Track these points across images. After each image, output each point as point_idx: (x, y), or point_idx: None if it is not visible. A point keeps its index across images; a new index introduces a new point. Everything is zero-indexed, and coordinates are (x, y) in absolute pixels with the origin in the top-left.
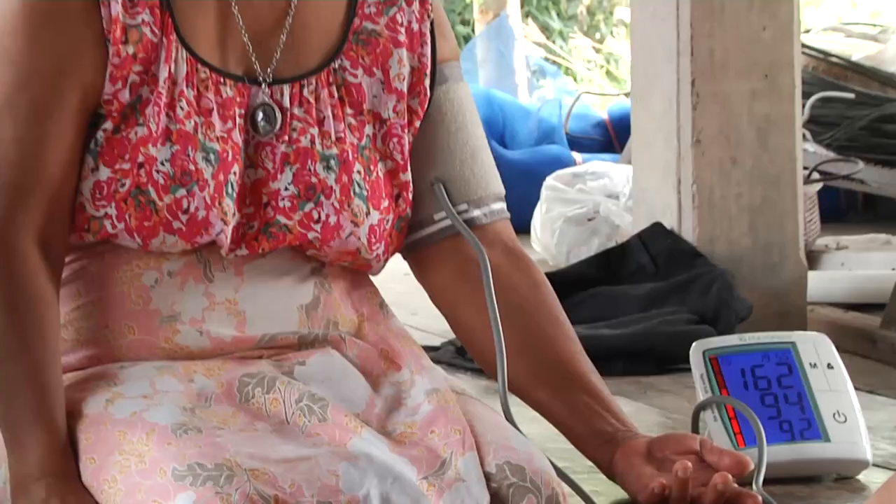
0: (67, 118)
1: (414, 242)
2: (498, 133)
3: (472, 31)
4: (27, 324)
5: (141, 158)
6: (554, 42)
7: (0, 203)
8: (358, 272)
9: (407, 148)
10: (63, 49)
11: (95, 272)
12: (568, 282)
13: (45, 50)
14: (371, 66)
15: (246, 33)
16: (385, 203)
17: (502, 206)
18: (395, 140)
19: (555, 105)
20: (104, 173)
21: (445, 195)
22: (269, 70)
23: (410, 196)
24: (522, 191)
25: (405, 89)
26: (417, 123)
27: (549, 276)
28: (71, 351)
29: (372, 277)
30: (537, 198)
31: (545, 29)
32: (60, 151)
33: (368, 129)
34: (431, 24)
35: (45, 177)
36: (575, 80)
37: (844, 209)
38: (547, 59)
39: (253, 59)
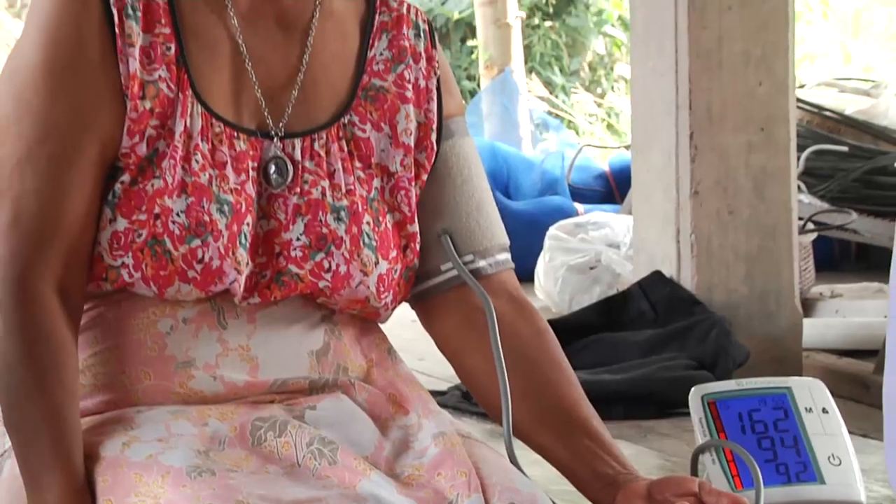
0: (86, 170)
1: (421, 292)
2: (503, 184)
3: (478, 85)
4: (47, 369)
5: (157, 210)
6: (557, 96)
7: (21, 252)
8: (367, 319)
9: (414, 200)
10: (82, 103)
11: (112, 319)
12: (570, 328)
13: (64, 104)
14: (379, 122)
15: (259, 89)
16: (393, 253)
17: (507, 256)
18: (402, 193)
19: (558, 157)
20: (121, 224)
21: (452, 247)
22: (281, 124)
23: (418, 247)
24: (526, 240)
25: (412, 144)
26: (424, 177)
27: (552, 322)
28: (89, 396)
29: (380, 324)
30: (541, 247)
31: (548, 84)
32: (79, 203)
33: (377, 182)
34: (438, 81)
35: (64, 227)
36: (577, 133)
37: (838, 258)
38: (550, 113)
39: (266, 113)
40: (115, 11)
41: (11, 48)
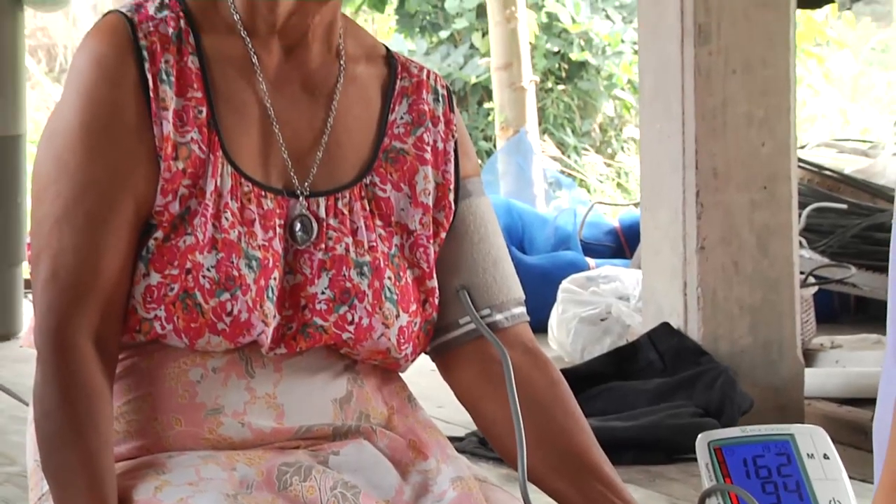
0: (121, 228)
1: (441, 345)
2: (518, 240)
3: (494, 146)
4: (82, 416)
5: (189, 265)
6: (569, 156)
7: (59, 305)
8: (387, 369)
9: (432, 257)
10: (118, 164)
11: (145, 369)
12: (582, 377)
13: (101, 164)
14: (399, 182)
15: (286, 150)
16: (413, 307)
17: (522, 310)
18: (421, 250)
19: (570, 214)
20: (155, 278)
21: (470, 302)
22: (306, 184)
23: (437, 301)
24: (540, 293)
25: (431, 203)
26: (443, 235)
27: (565, 372)
28: (122, 441)
29: (400, 373)
30: (554, 299)
31: (561, 144)
32: (115, 258)
33: (397, 240)
34: (455, 143)
35: (100, 281)
36: (588, 191)
37: (838, 311)
38: (562, 172)
39: (292, 174)
40: (149, 76)
41: (52, 110)
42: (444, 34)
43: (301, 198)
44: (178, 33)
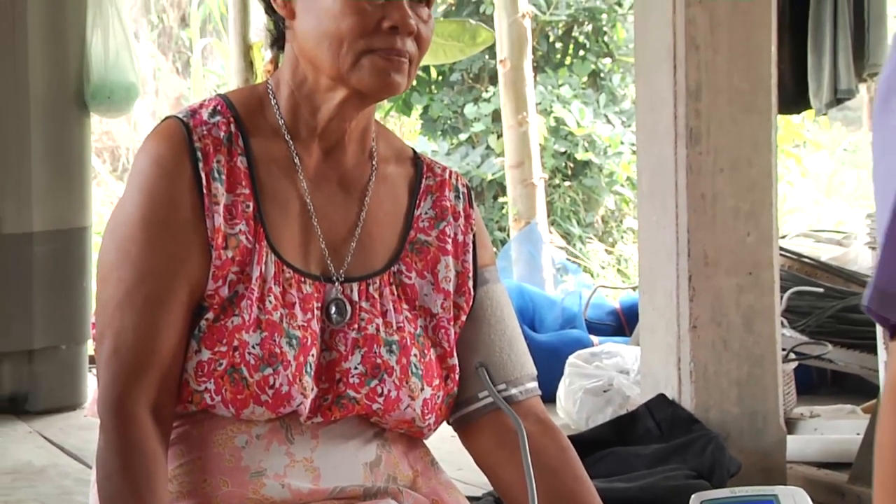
0: (176, 310)
1: (462, 416)
2: (529, 319)
3: (508, 235)
4: (140, 478)
5: (236, 343)
6: (574, 245)
7: (121, 378)
8: (413, 437)
9: (453, 338)
10: (175, 253)
11: (196, 436)
12: (587, 443)
13: (159, 253)
14: (423, 270)
15: (323, 241)
16: (436, 382)
17: (535, 384)
18: (442, 331)
19: (576, 296)
20: (205, 354)
21: (488, 378)
22: (341, 271)
23: (457, 376)
24: (549, 367)
25: (451, 289)
26: (463, 317)
27: (572, 438)
28: (176, 501)
29: (424, 440)
30: (562, 373)
31: (567, 234)
32: (170, 337)
33: (421, 321)
34: (474, 236)
35: (157, 357)
36: (592, 276)
37: (816, 384)
38: (569, 259)
39: (329, 262)
40: (203, 175)
41: (115, 205)
42: (463, 136)
43: (336, 283)
44: (229, 136)
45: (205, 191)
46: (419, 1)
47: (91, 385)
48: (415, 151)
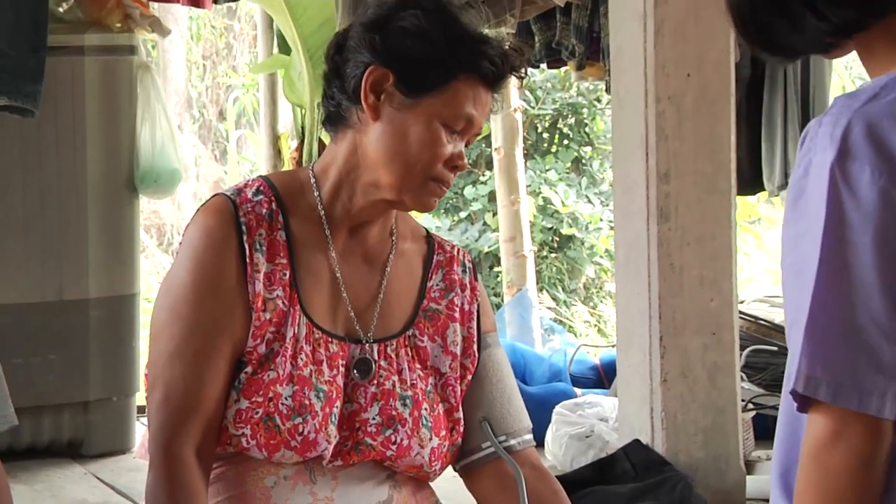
0: (220, 364)
1: (467, 464)
2: (520, 374)
3: (502, 300)
4: None
5: (271, 394)
6: (560, 308)
7: (170, 423)
8: (420, 479)
9: (459, 395)
10: (220, 314)
11: (232, 476)
12: (572, 482)
13: (207, 313)
14: (434, 335)
15: (351, 308)
16: (443, 433)
17: (530, 436)
18: (450, 388)
19: (561, 354)
20: (244, 404)
21: (490, 431)
22: (369, 334)
23: (462, 429)
24: (538, 416)
25: (458, 352)
26: (469, 377)
27: (558, 478)
28: None
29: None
30: (549, 421)
31: (554, 299)
32: (214, 387)
33: (431, 379)
34: (478, 305)
35: (203, 405)
36: (575, 335)
37: (772, 430)
38: (555, 320)
39: (355, 325)
40: (246, 246)
41: (168, 270)
42: (463, 214)
43: (366, 344)
44: (270, 213)
45: (248, 260)
46: (465, 143)
47: (139, 432)
48: (427, 231)
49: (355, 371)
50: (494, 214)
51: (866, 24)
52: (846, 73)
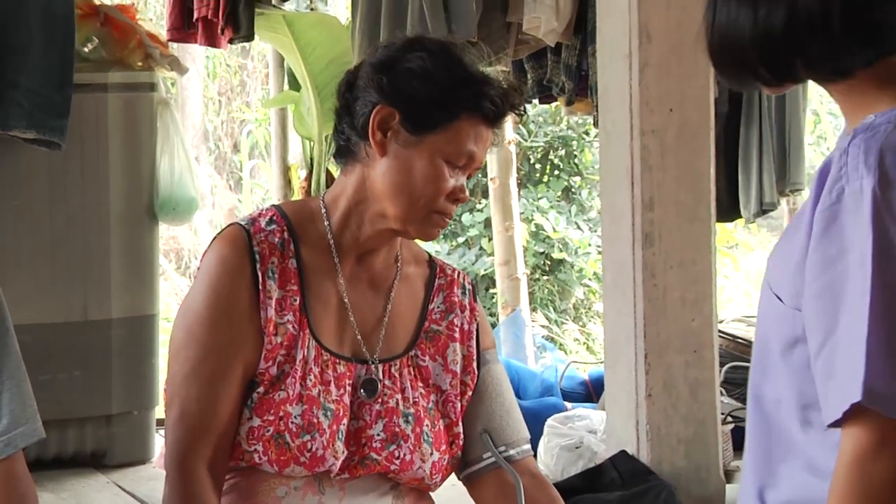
0: (234, 383)
1: (469, 474)
2: (514, 389)
3: (497, 320)
4: None
5: (281, 413)
6: (552, 327)
7: (185, 439)
8: (421, 490)
9: (460, 410)
10: (234, 336)
11: (245, 488)
12: (563, 491)
13: (221, 336)
14: (435, 354)
15: (358, 331)
16: (443, 447)
17: (528, 446)
18: (450, 405)
19: (553, 370)
20: (256, 422)
21: (491, 442)
22: (375, 355)
23: (461, 443)
24: (531, 428)
25: (458, 370)
26: (469, 393)
27: None
28: None
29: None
30: (541, 433)
31: (546, 318)
32: (228, 406)
33: (433, 397)
34: (477, 325)
35: (216, 423)
36: (566, 352)
37: None
38: (547, 339)
39: (362, 347)
40: (259, 273)
41: (185, 295)
42: (460, 239)
43: (372, 365)
44: (282, 242)
45: (260, 287)
46: (467, 177)
47: (158, 443)
48: (430, 256)
49: (362, 390)
50: (490, 240)
51: (853, 74)
52: (822, 107)
